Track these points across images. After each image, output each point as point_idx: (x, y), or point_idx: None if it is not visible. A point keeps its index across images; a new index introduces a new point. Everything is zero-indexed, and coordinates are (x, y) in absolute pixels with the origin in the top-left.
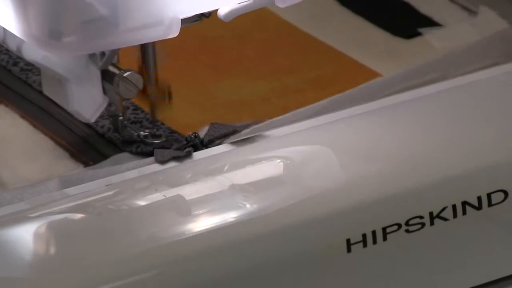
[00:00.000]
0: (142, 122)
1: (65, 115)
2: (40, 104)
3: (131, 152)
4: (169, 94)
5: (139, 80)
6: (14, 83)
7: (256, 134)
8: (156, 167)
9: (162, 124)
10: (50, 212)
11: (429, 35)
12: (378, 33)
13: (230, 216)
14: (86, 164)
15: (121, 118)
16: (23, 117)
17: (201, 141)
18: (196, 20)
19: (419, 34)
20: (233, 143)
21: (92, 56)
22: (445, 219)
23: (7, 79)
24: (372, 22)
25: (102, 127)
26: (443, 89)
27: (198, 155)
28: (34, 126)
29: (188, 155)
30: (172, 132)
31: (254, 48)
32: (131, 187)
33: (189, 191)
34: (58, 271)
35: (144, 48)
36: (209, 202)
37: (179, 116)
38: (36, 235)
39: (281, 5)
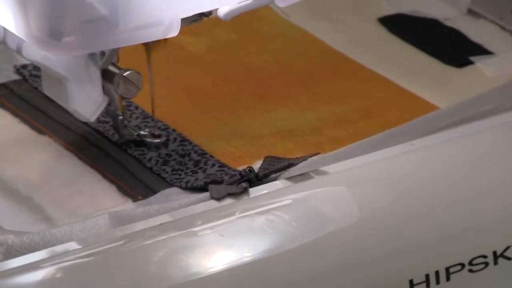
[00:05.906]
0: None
1: (110, 146)
2: (84, 134)
3: (180, 187)
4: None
5: (139, 80)
6: (57, 113)
7: (312, 169)
8: (211, 204)
9: (211, 156)
10: (102, 251)
11: (481, 64)
12: (429, 62)
13: (290, 254)
14: (134, 198)
15: (121, 117)
16: (67, 148)
17: (256, 176)
18: (196, 20)
19: (470, 62)
20: (289, 178)
21: (92, 55)
22: (508, 259)
23: (49, 109)
24: (422, 50)
25: (149, 160)
26: (507, 121)
27: (254, 191)
28: (79, 157)
29: (245, 191)
30: (222, 165)
31: (301, 76)
32: (187, 227)
33: (247, 230)
34: None
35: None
36: (267, 240)
37: (227, 147)
38: (91, 279)
39: (281, 4)
